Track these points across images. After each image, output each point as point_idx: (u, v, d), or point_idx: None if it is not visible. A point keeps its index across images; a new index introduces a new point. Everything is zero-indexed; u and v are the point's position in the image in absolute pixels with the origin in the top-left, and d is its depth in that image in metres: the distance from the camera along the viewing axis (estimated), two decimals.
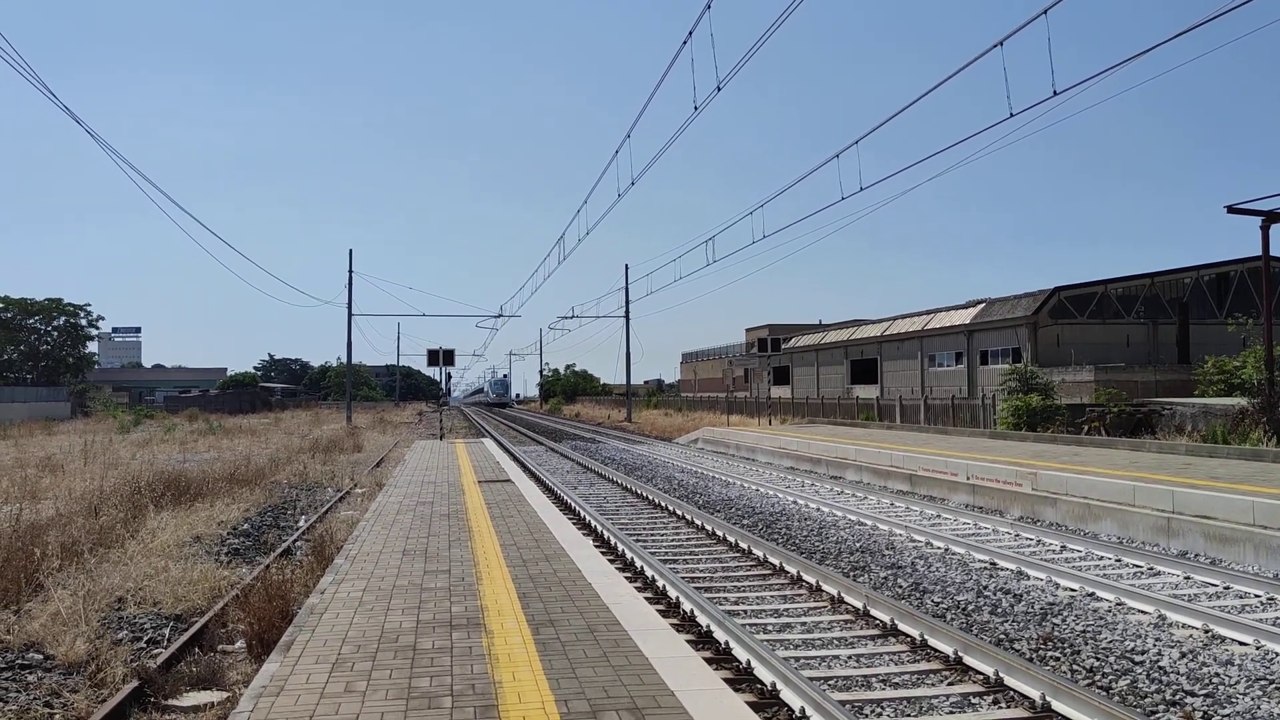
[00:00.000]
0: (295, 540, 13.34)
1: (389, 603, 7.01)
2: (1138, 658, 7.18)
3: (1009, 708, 6.11)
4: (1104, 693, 6.42)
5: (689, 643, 6.56)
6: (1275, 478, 13.54)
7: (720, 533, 12.99)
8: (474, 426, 58.03)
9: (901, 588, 9.85)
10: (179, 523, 13.41)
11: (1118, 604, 8.77)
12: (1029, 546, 12.09)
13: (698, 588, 9.46)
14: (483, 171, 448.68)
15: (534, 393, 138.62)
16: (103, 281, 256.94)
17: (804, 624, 8.34)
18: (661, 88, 17.37)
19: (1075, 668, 7.04)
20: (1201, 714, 6.04)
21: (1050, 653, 7.41)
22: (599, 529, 13.48)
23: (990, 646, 6.91)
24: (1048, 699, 5.97)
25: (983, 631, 8.05)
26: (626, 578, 9.18)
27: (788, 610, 8.85)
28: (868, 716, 6.05)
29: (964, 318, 43.74)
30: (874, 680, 6.72)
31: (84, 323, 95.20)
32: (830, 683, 6.61)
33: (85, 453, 25.50)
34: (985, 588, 9.67)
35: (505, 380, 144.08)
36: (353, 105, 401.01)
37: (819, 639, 7.81)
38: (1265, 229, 21.62)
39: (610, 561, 9.92)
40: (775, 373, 59.00)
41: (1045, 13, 11.79)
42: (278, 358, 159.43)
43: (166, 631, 8.47)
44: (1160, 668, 6.93)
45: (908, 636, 7.63)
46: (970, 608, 8.89)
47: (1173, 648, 7.39)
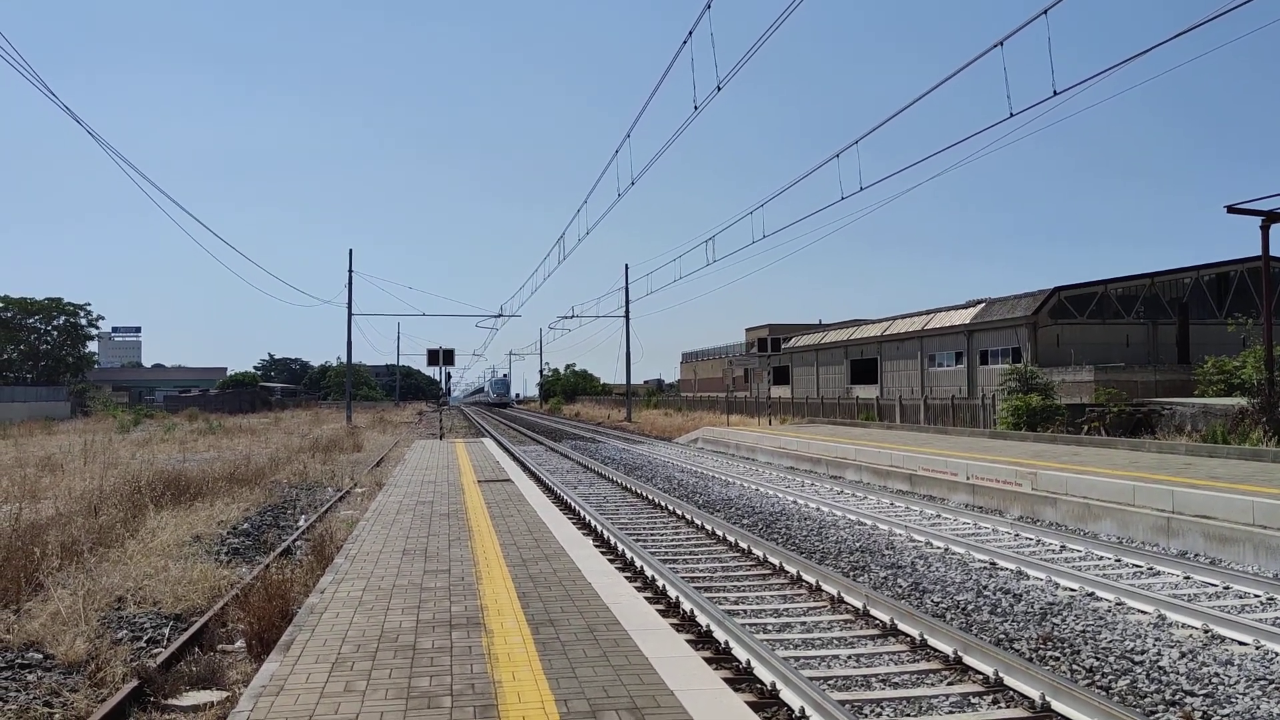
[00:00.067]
0: (295, 540, 13.34)
1: (389, 602, 7.01)
2: (1137, 658, 7.18)
3: (1009, 707, 6.11)
4: (1104, 693, 6.42)
5: (689, 642, 6.56)
6: (1275, 478, 13.55)
7: (720, 532, 12.99)
8: (474, 426, 58.04)
9: (901, 587, 9.85)
10: (179, 522, 13.41)
11: (1117, 604, 8.77)
12: (1029, 546, 12.09)
13: (697, 587, 9.46)
14: (483, 171, 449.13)
15: (534, 392, 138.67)
16: (103, 281, 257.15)
17: (804, 624, 8.34)
18: (661, 88, 17.38)
19: (1075, 668, 7.04)
20: (1201, 714, 6.04)
21: (1050, 652, 7.41)
22: (599, 528, 13.48)
23: (990, 646, 6.91)
24: (1047, 699, 5.97)
25: (982, 631, 8.05)
26: (626, 577, 9.18)
27: (787, 610, 8.85)
28: (867, 716, 6.05)
29: (964, 318, 43.76)
30: (874, 680, 6.72)
31: (84, 322, 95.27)
32: (830, 682, 6.61)
33: (85, 452, 25.49)
34: (985, 587, 9.68)
35: (506, 380, 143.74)
36: (353, 105, 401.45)
37: (819, 639, 7.82)
38: (1265, 229, 21.63)
39: (610, 561, 9.92)
40: (775, 372, 59.01)
41: (1045, 13, 11.80)
42: (278, 357, 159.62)
43: (166, 631, 8.47)
44: (1160, 668, 6.94)
45: (907, 636, 7.63)
46: (970, 607, 8.90)
47: (1172, 648, 7.39)
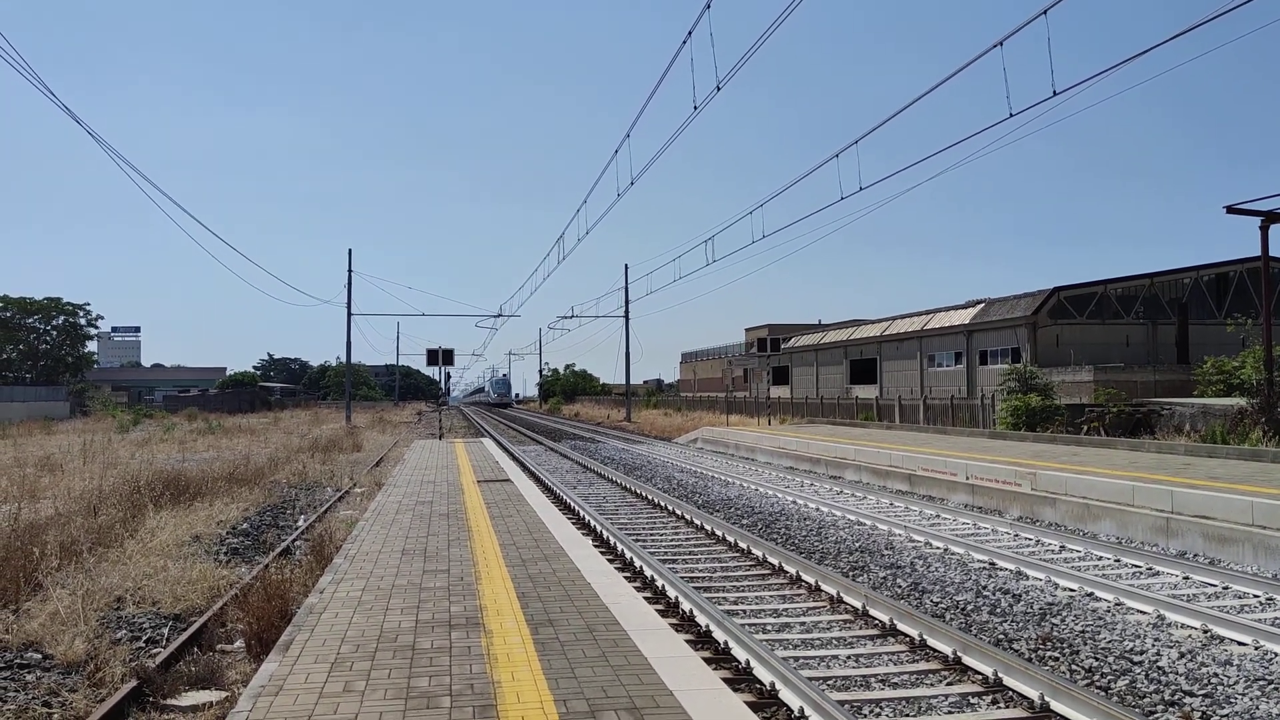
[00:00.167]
0: (294, 540, 13.34)
1: (388, 602, 7.01)
2: (1137, 658, 7.18)
3: (1008, 708, 6.11)
4: (1103, 693, 6.42)
5: (688, 642, 6.56)
6: (1274, 478, 13.55)
7: (719, 532, 12.99)
8: (473, 426, 58.04)
9: (900, 587, 9.85)
10: (178, 522, 13.41)
11: (1117, 604, 8.77)
12: (1028, 546, 12.09)
13: (697, 587, 9.45)
14: (482, 171, 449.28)
15: (533, 392, 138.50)
16: (102, 281, 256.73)
17: (803, 624, 8.34)
18: (661, 88, 17.37)
19: (1074, 668, 7.04)
20: (1200, 714, 6.04)
21: (1049, 653, 7.41)
22: (598, 529, 13.48)
23: (989, 646, 6.91)
24: (1046, 699, 5.97)
25: (982, 631, 8.05)
26: (625, 577, 9.18)
27: (787, 610, 8.85)
28: (866, 716, 6.05)
29: (963, 318, 43.78)
30: (873, 680, 6.72)
31: (83, 322, 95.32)
32: (829, 682, 6.61)
33: (84, 452, 25.48)
34: (984, 588, 9.68)
35: (506, 379, 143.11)
36: (352, 105, 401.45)
37: (818, 639, 7.81)
38: (1264, 229, 21.63)
39: (609, 561, 9.92)
40: (775, 373, 59.02)
41: (1045, 13, 11.80)
42: (277, 357, 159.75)
43: (165, 631, 8.47)
44: (1159, 668, 6.94)
45: (907, 636, 7.63)
46: (969, 608, 8.90)
47: (1171, 648, 7.39)
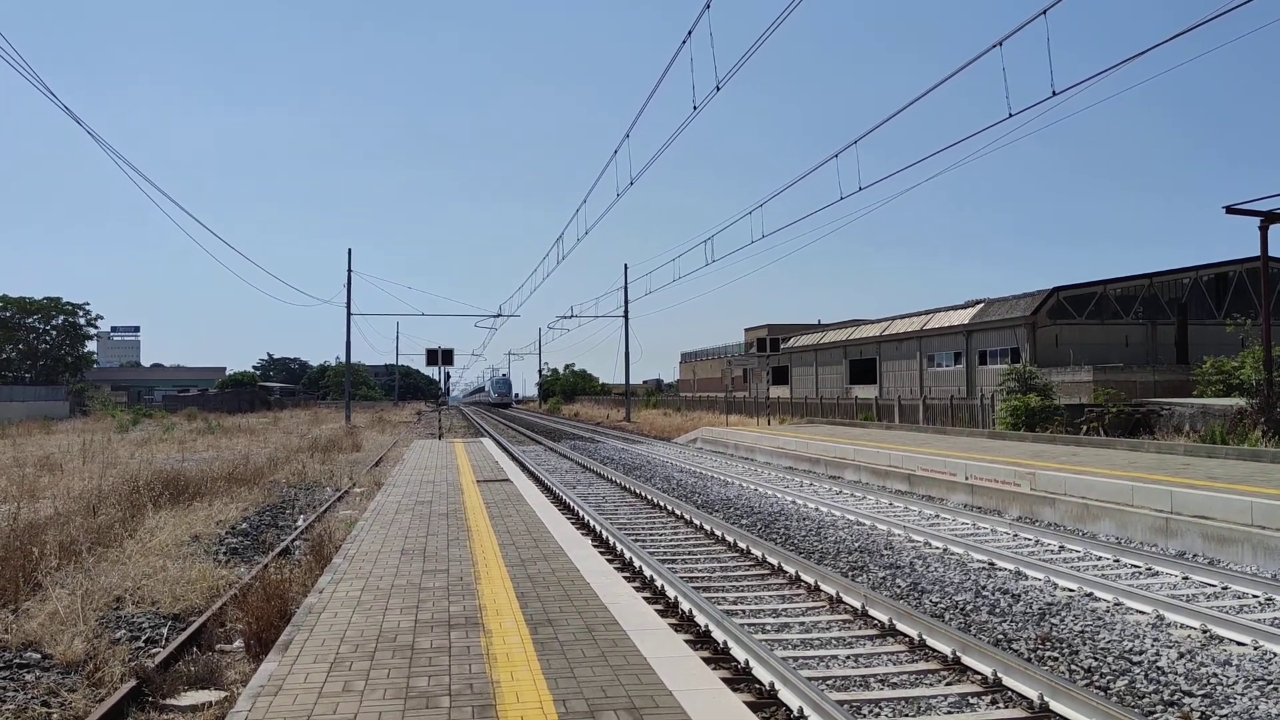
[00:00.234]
0: (294, 540, 13.34)
1: (387, 602, 7.01)
2: (1136, 658, 7.19)
3: (1007, 708, 6.11)
4: (1102, 693, 6.42)
5: (687, 642, 6.56)
6: (1273, 478, 13.56)
7: (719, 532, 12.99)
8: (472, 426, 58.03)
9: (900, 587, 9.85)
10: (177, 522, 13.40)
11: (1116, 604, 8.78)
12: (1027, 546, 12.09)
13: (696, 587, 9.45)
14: (482, 171, 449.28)
15: (533, 392, 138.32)
16: (101, 280, 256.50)
17: (802, 624, 8.34)
18: (661, 88, 17.37)
19: (1073, 668, 7.04)
20: (1199, 714, 6.05)
21: (1048, 653, 7.41)
22: (597, 528, 13.48)
23: (988, 646, 6.91)
24: (1046, 699, 5.97)
25: (981, 631, 8.05)
26: (625, 577, 9.18)
27: (786, 610, 8.85)
28: (866, 716, 6.05)
29: (963, 318, 43.79)
30: (872, 680, 6.72)
31: (82, 322, 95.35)
32: (828, 682, 6.61)
33: (83, 452, 25.47)
34: (983, 588, 9.68)
35: (507, 379, 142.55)
36: (352, 105, 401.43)
37: (817, 639, 7.82)
38: (1263, 229, 21.64)
39: (609, 561, 9.91)
40: (774, 373, 59.03)
41: (1044, 13, 11.80)
42: (276, 357, 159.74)
43: (165, 631, 8.47)
44: (1158, 668, 6.94)
45: (906, 636, 7.63)
46: (968, 608, 8.90)
47: (1171, 648, 7.39)
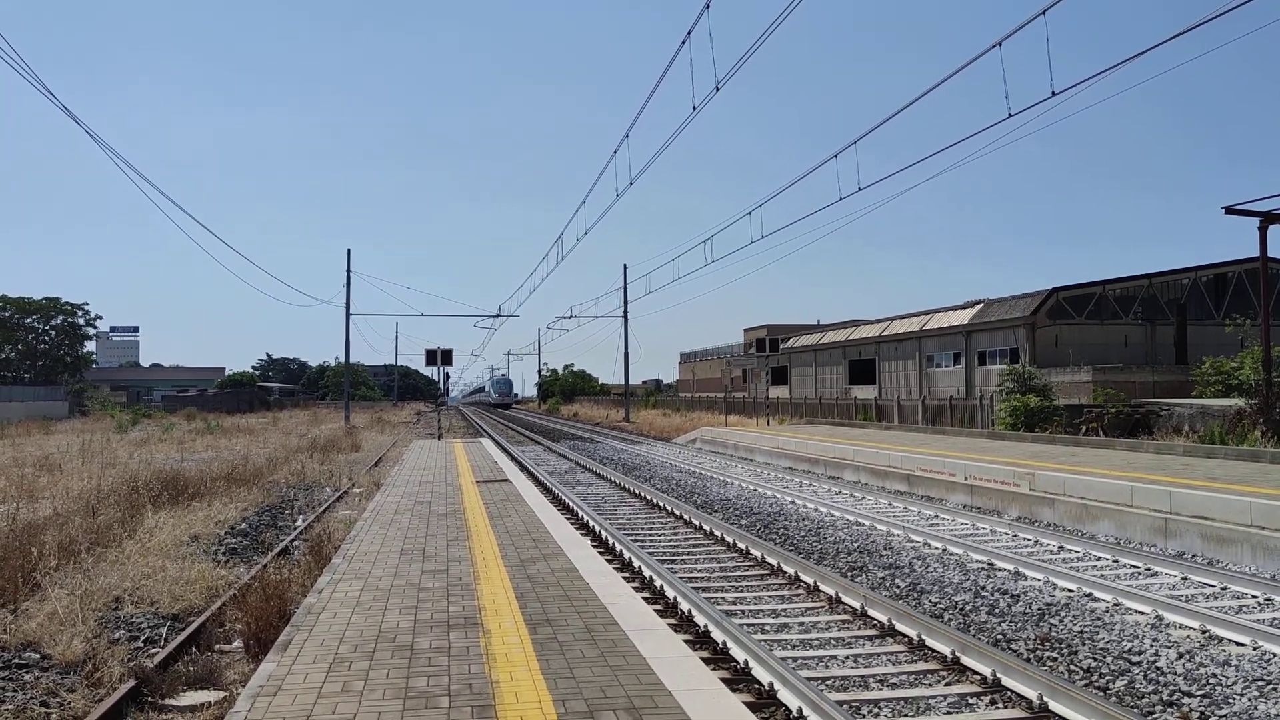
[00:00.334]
0: (293, 540, 13.34)
1: (386, 602, 7.00)
2: (1135, 658, 7.19)
3: (1006, 708, 6.12)
4: (1101, 693, 6.42)
5: (686, 643, 6.55)
6: (1272, 478, 13.56)
7: (718, 533, 12.99)
8: (472, 427, 58.03)
9: (899, 588, 9.86)
10: (176, 522, 13.40)
11: (1115, 604, 8.78)
12: (1026, 547, 12.09)
13: (695, 587, 9.45)
14: (481, 171, 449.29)
15: (532, 393, 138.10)
16: (101, 281, 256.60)
17: (801, 624, 8.34)
18: (660, 88, 17.38)
19: (1073, 668, 7.04)
20: (1199, 714, 6.05)
21: (1048, 653, 7.41)
22: (597, 529, 13.48)
23: (988, 647, 6.91)
24: (1045, 699, 5.97)
25: (980, 632, 8.05)
26: (624, 578, 9.17)
27: (785, 610, 8.85)
28: (865, 716, 6.05)
29: (962, 318, 43.79)
30: (871, 680, 6.72)
31: (82, 322, 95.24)
32: (828, 683, 6.61)
33: (83, 452, 25.48)
34: (983, 588, 9.68)
35: (508, 379, 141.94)
36: (351, 105, 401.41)
37: (816, 639, 7.81)
38: (1263, 230, 21.63)
39: (608, 561, 9.91)
40: (773, 373, 59.03)
41: (1044, 13, 11.81)
42: (276, 357, 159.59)
43: (164, 631, 8.46)
44: (1158, 668, 6.94)
45: (905, 637, 7.63)
46: (968, 608, 8.90)
47: (1170, 648, 7.39)
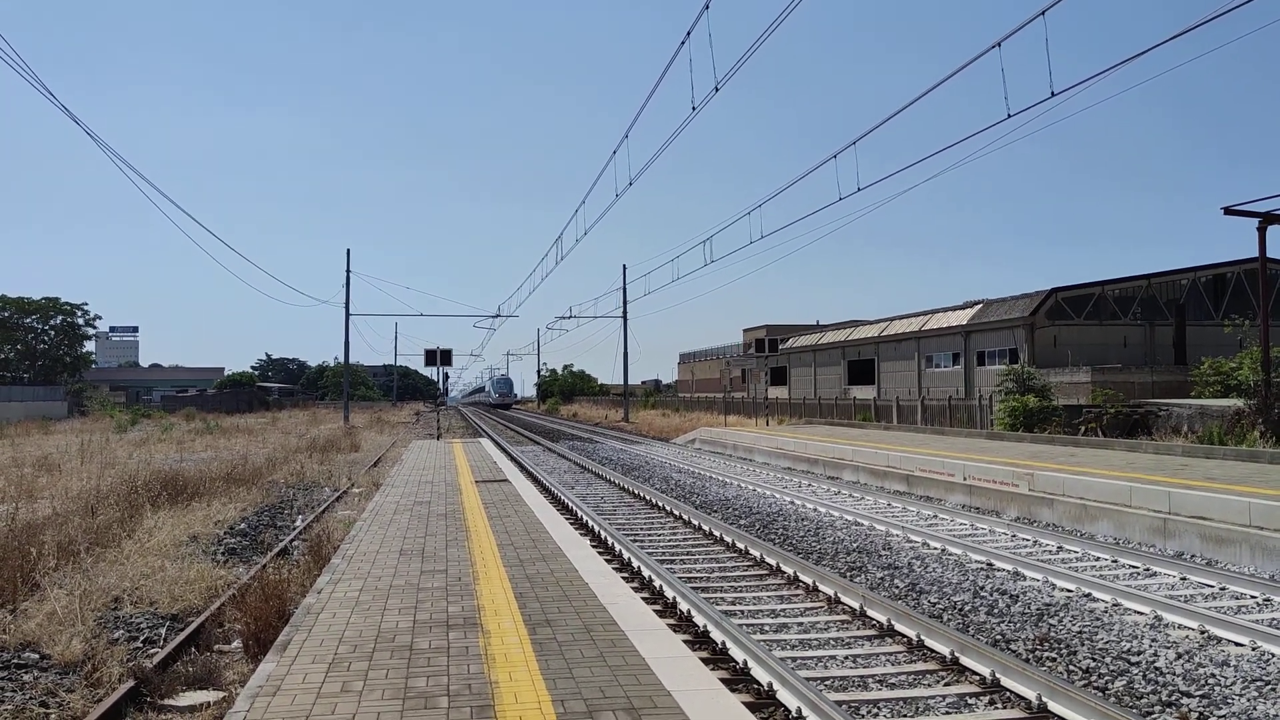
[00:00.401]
0: (292, 540, 13.33)
1: (385, 602, 7.00)
2: (1134, 658, 7.19)
3: (1006, 708, 6.12)
4: (1100, 693, 6.43)
5: (686, 643, 6.55)
6: (1271, 478, 13.57)
7: (717, 533, 12.99)
8: (471, 427, 58.01)
9: (898, 588, 9.86)
10: (176, 522, 13.40)
11: (1114, 605, 8.78)
12: (1025, 547, 12.10)
13: (695, 588, 9.46)
14: (481, 171, 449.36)
15: (531, 393, 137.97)
16: (100, 281, 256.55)
17: (801, 624, 8.34)
18: (660, 88, 17.38)
19: (1072, 668, 7.05)
20: (1198, 715, 6.05)
21: (1047, 653, 7.42)
22: (596, 529, 13.48)
23: (987, 647, 6.91)
24: (1044, 699, 5.97)
25: (979, 632, 8.05)
26: (623, 578, 9.17)
27: (784, 610, 8.85)
28: (864, 717, 6.05)
29: (961, 318, 43.80)
30: (871, 680, 6.72)
31: (81, 322, 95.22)
32: (827, 683, 6.61)
33: (82, 452, 25.45)
34: (982, 588, 9.68)
35: (508, 379, 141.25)
36: (351, 105, 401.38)
37: (816, 639, 7.82)
38: (1262, 230, 21.63)
39: (607, 561, 9.91)
40: (772, 373, 59.01)
41: (1043, 13, 11.81)
42: (275, 357, 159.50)
43: (163, 631, 8.46)
44: (1156, 668, 6.94)
45: (904, 637, 7.63)
46: (967, 608, 8.90)
47: (1169, 648, 7.40)
